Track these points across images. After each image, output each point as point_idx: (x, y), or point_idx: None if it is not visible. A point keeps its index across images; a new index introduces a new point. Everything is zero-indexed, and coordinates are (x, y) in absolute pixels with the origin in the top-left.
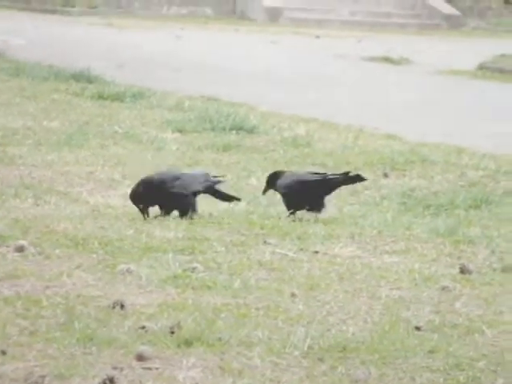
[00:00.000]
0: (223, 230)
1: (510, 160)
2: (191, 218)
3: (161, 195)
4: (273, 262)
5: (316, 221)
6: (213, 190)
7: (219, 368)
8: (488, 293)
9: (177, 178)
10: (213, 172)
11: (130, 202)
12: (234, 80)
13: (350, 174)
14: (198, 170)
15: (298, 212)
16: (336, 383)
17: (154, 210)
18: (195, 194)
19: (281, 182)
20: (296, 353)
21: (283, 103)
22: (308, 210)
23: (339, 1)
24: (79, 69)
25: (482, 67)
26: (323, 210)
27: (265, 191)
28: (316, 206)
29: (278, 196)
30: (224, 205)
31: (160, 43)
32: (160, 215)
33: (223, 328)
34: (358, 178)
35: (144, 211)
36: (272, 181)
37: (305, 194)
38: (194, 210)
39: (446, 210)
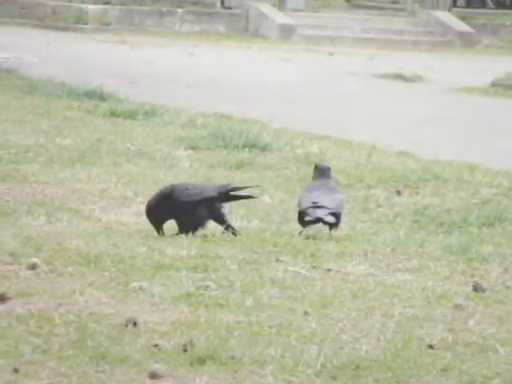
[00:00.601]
0: (236, 247)
1: None
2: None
3: (173, 207)
4: (285, 279)
5: (329, 238)
6: (227, 196)
7: None
8: (501, 311)
9: (186, 189)
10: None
11: (142, 220)
12: (247, 97)
13: None
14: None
15: (310, 230)
16: None
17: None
18: (208, 200)
19: None
20: (309, 371)
21: (296, 120)
22: None
23: (352, 18)
24: (92, 86)
25: (494, 84)
26: None
27: None
28: None
29: (291, 213)
30: (237, 222)
31: (173, 60)
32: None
33: (236, 346)
34: None
35: (159, 228)
36: None
37: None
38: (203, 220)
39: (459, 227)
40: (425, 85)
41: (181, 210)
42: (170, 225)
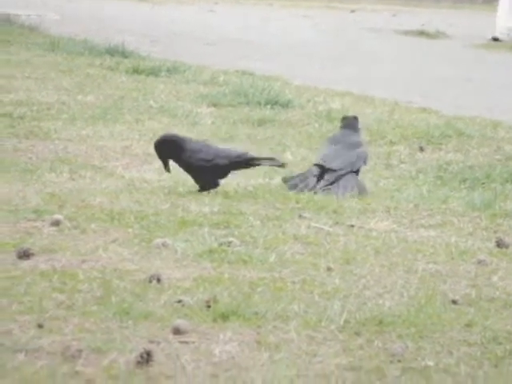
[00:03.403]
0: (258, 204)
1: None
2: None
3: (183, 161)
4: (308, 235)
5: (351, 195)
6: (245, 162)
7: (255, 342)
8: None
9: (199, 151)
10: (248, 147)
11: (165, 176)
12: (269, 54)
13: None
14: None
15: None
16: (372, 357)
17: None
18: (218, 167)
19: None
20: (332, 327)
21: (318, 77)
22: None
23: None
24: (114, 43)
25: None
26: None
27: None
28: None
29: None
30: (259, 179)
31: (194, 18)
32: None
33: (259, 302)
34: None
35: (166, 165)
36: None
37: None
38: (213, 184)
39: (482, 183)
40: (448, 41)
41: (190, 168)
42: (192, 182)
